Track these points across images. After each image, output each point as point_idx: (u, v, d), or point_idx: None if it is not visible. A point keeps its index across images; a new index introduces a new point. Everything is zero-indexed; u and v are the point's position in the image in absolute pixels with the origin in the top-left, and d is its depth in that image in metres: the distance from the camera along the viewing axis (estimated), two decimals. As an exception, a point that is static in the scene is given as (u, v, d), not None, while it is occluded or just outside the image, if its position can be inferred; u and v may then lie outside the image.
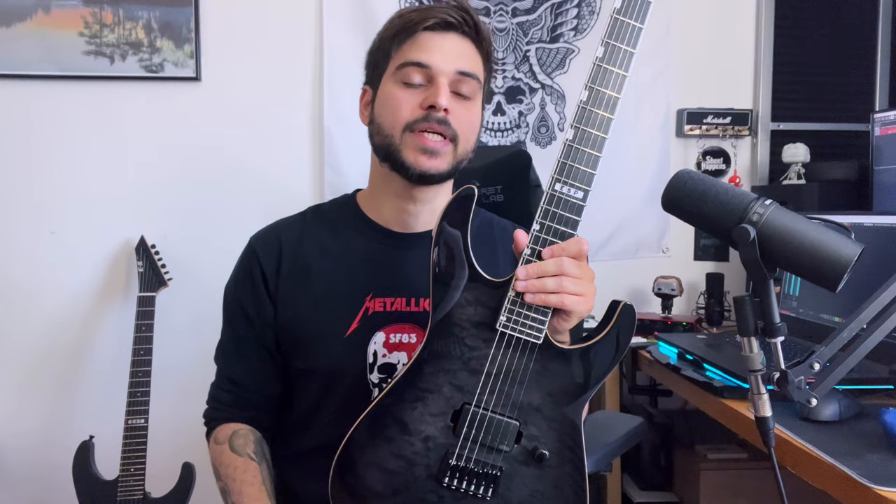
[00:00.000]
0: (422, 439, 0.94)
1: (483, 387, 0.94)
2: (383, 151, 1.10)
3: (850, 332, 0.84)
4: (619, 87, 0.94)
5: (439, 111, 1.05)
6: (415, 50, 1.07)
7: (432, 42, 1.07)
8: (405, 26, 1.08)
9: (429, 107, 1.05)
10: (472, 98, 1.10)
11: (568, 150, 0.94)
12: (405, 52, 1.08)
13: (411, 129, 1.06)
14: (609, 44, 0.94)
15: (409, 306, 1.11)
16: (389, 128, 1.08)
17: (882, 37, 2.51)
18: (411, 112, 1.06)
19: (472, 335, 0.95)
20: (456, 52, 1.08)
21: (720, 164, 2.48)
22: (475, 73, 1.09)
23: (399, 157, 1.07)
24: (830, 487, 1.07)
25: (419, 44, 1.07)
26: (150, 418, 1.99)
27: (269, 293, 1.14)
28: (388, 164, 1.10)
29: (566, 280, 0.92)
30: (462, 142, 1.09)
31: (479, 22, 1.10)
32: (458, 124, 1.07)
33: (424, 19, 1.07)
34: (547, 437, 0.96)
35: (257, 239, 1.19)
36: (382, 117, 1.10)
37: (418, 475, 0.94)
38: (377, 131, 1.11)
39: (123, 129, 2.24)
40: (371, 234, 1.16)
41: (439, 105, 1.04)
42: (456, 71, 1.07)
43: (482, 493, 0.95)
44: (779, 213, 0.81)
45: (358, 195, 1.22)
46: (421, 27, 1.07)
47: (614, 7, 0.95)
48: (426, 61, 1.06)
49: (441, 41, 1.07)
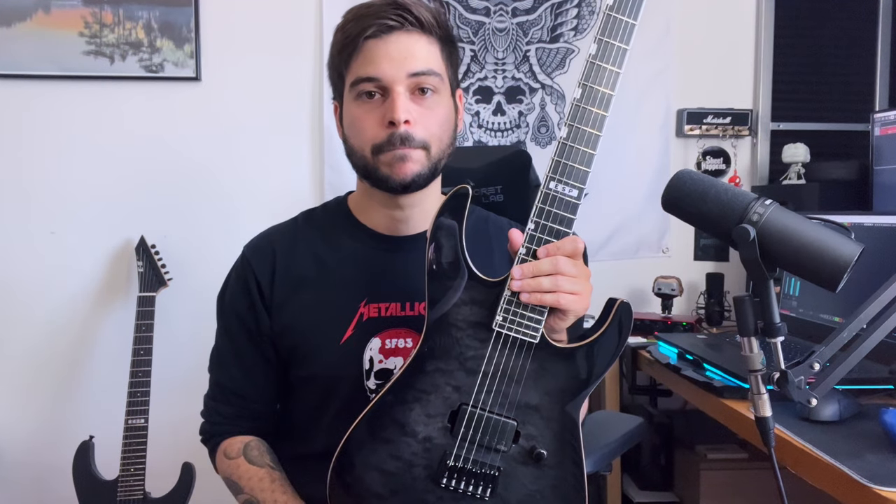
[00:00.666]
0: (419, 440, 0.94)
1: (480, 387, 0.94)
2: (361, 171, 1.09)
3: (850, 332, 0.84)
4: (613, 84, 0.93)
5: (399, 127, 1.02)
6: (362, 63, 1.04)
7: (377, 50, 1.03)
8: (346, 40, 1.05)
9: (389, 123, 1.02)
10: (437, 92, 1.06)
11: (562, 149, 0.93)
12: (354, 68, 1.05)
13: (380, 150, 1.04)
14: (602, 40, 0.93)
15: (403, 311, 1.10)
16: (360, 150, 1.07)
17: (882, 37, 2.51)
18: (375, 134, 1.04)
19: (468, 335, 0.95)
20: (405, 54, 1.03)
21: (720, 164, 2.48)
22: (430, 68, 1.05)
23: (377, 174, 1.06)
24: (830, 487, 1.07)
25: (365, 56, 1.04)
26: (150, 418, 1.99)
27: (265, 303, 1.12)
28: (368, 182, 1.09)
29: (562, 279, 0.92)
30: (434, 144, 1.06)
31: (421, 12, 1.04)
32: (425, 130, 1.04)
33: (363, 29, 1.03)
34: (545, 436, 0.95)
35: (250, 248, 1.17)
36: (352, 138, 1.08)
37: (416, 476, 0.94)
38: (351, 151, 1.09)
39: (123, 129, 2.24)
40: (363, 239, 1.14)
41: (398, 120, 1.01)
42: (408, 74, 1.03)
43: (480, 494, 0.94)
44: (779, 213, 0.81)
45: (349, 199, 1.20)
46: (362, 38, 1.03)
47: (607, 4, 0.94)
48: (374, 74, 1.03)
49: (386, 47, 1.03)
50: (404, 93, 1.03)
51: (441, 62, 1.07)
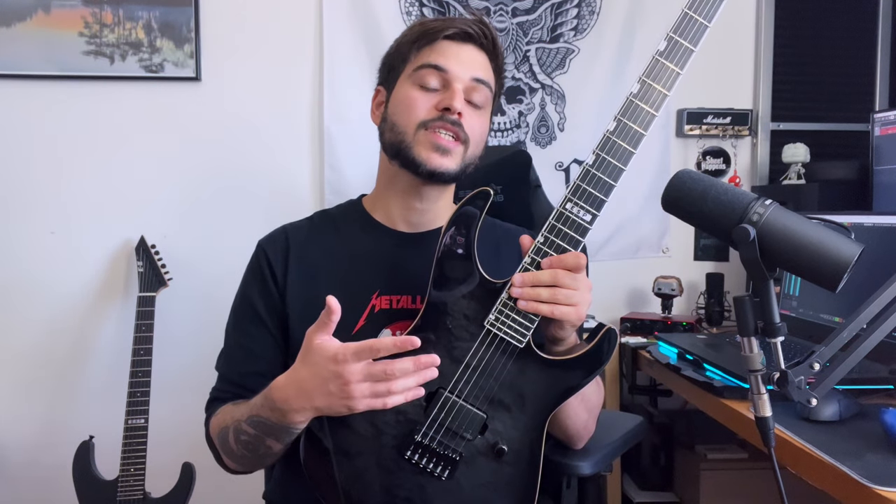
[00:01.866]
0: (394, 411, 0.97)
1: (460, 376, 1.00)
2: (394, 148, 1.13)
3: (850, 332, 0.84)
4: (647, 125, 0.98)
5: (454, 113, 1.10)
6: (433, 55, 1.12)
7: (451, 49, 1.13)
8: (426, 33, 1.14)
9: (444, 109, 1.10)
10: (484, 107, 1.15)
11: (585, 174, 0.99)
12: (424, 56, 1.13)
13: (425, 126, 1.10)
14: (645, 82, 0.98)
15: (414, 304, 1.13)
16: (404, 125, 1.12)
17: (882, 37, 2.51)
18: (427, 112, 1.11)
19: (460, 326, 1.01)
20: (472, 62, 1.13)
21: (720, 164, 2.48)
22: (489, 81, 1.15)
23: (410, 153, 1.11)
24: (830, 487, 1.07)
25: (438, 50, 1.13)
26: (150, 418, 1.99)
27: (279, 289, 1.16)
28: (397, 162, 1.14)
29: (559, 291, 0.97)
30: (472, 146, 1.13)
31: (497, 38, 1.16)
32: (470, 129, 1.12)
33: (445, 28, 1.13)
34: (510, 434, 1.01)
35: (266, 239, 1.21)
36: (397, 115, 1.14)
37: (384, 443, 0.99)
38: (390, 128, 1.15)
39: (123, 129, 2.24)
40: (377, 234, 1.19)
41: (454, 108, 1.09)
42: (471, 78, 1.12)
43: (439, 473, 1.00)
44: (779, 213, 0.81)
45: (364, 199, 1.25)
46: (441, 35, 1.13)
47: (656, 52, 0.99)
48: (444, 65, 1.11)
49: (459, 50, 1.13)
50: (462, 92, 1.11)
51: (494, 83, 1.18)
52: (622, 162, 0.98)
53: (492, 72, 1.16)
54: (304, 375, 0.94)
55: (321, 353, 0.92)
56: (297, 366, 0.96)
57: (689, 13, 0.97)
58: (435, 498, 1.00)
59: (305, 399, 0.94)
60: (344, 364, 0.90)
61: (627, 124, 0.98)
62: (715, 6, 0.97)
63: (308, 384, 0.94)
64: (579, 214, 0.99)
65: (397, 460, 1.00)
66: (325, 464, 0.99)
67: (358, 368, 0.90)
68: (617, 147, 0.98)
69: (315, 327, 0.94)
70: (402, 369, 0.90)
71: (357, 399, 0.91)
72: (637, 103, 0.98)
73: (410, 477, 1.00)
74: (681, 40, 0.97)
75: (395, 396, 0.91)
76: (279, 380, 0.98)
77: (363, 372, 0.91)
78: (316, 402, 0.94)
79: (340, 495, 1.00)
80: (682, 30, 0.98)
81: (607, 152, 0.98)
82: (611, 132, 0.98)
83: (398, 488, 1.00)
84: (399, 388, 0.91)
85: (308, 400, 0.94)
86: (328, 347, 0.92)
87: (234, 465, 1.13)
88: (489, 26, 1.15)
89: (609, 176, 0.99)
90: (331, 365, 0.91)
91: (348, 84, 2.25)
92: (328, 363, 0.91)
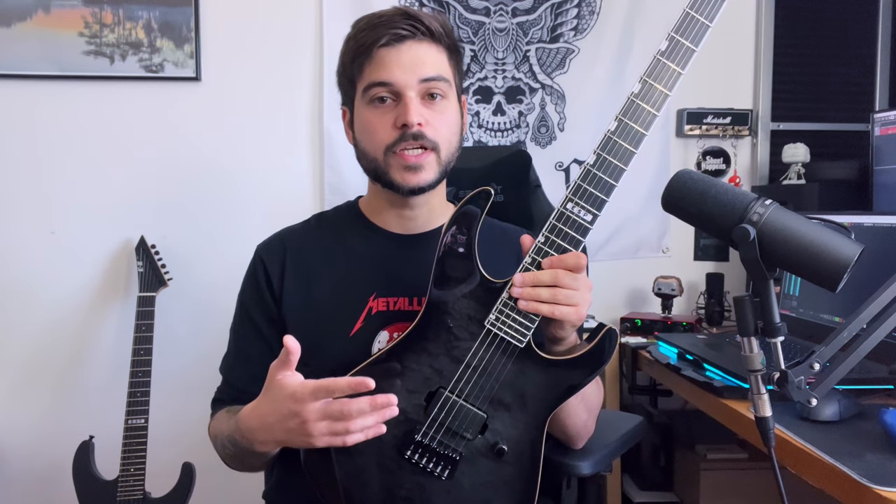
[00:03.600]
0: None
1: (461, 376, 1.00)
2: (372, 174, 1.15)
3: (850, 332, 0.84)
4: (648, 124, 0.98)
5: (412, 128, 1.07)
6: (375, 70, 1.09)
7: (389, 57, 1.09)
8: (360, 48, 1.10)
9: (402, 125, 1.08)
10: (445, 97, 1.12)
11: (586, 174, 0.99)
12: (367, 74, 1.10)
13: (391, 150, 1.09)
14: (647, 82, 0.98)
15: (411, 305, 1.13)
16: (372, 152, 1.12)
17: (882, 37, 2.51)
18: (387, 134, 1.09)
19: (460, 326, 1.01)
20: (415, 61, 1.09)
21: (720, 164, 2.48)
22: (440, 74, 1.10)
23: (387, 177, 1.11)
24: (830, 487, 1.07)
25: (377, 63, 1.09)
26: (150, 418, 1.99)
27: (274, 296, 1.17)
28: (379, 184, 1.15)
29: (560, 292, 0.97)
30: (444, 146, 1.11)
31: (431, 21, 1.10)
32: (435, 132, 1.10)
33: (377, 38, 1.08)
34: (510, 434, 1.01)
35: (262, 246, 1.22)
36: (363, 142, 1.14)
37: (383, 442, 0.98)
38: (362, 155, 1.15)
39: (123, 129, 2.24)
40: (373, 237, 1.19)
41: (410, 122, 1.07)
42: (420, 80, 1.09)
43: (439, 473, 1.00)
44: (779, 213, 0.81)
45: (360, 201, 1.25)
46: (375, 47, 1.09)
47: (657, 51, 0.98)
48: (387, 79, 1.08)
49: (398, 55, 1.09)
50: (416, 97, 1.09)
51: (449, 69, 1.13)
52: (623, 162, 0.98)
53: (442, 56, 1.12)
54: (266, 410, 0.97)
55: (281, 390, 0.93)
56: (260, 399, 0.98)
57: (690, 13, 0.97)
58: (435, 497, 1.00)
59: (267, 433, 0.97)
60: (302, 403, 0.91)
61: (629, 124, 0.98)
62: (716, 6, 0.97)
63: (269, 419, 0.96)
64: (580, 214, 0.99)
65: (397, 460, 1.00)
66: (326, 463, 0.99)
67: (315, 408, 0.91)
68: (618, 147, 0.98)
69: (277, 363, 0.95)
70: (358, 410, 0.90)
71: (316, 437, 0.92)
72: (638, 103, 0.98)
73: (410, 476, 1.00)
74: (682, 40, 0.97)
75: (354, 435, 0.92)
76: (245, 409, 1.02)
77: (321, 411, 0.91)
78: (277, 437, 0.97)
79: (341, 495, 1.00)
80: (683, 29, 0.97)
81: (608, 152, 0.98)
82: (612, 132, 0.98)
83: (398, 488, 1.00)
84: (357, 427, 0.91)
85: (270, 434, 0.97)
86: (287, 385, 0.93)
87: (232, 466, 1.16)
88: (418, 16, 1.10)
89: (610, 176, 0.98)
90: (290, 403, 0.92)
91: (348, 84, 2.25)
92: (287, 401, 0.93)
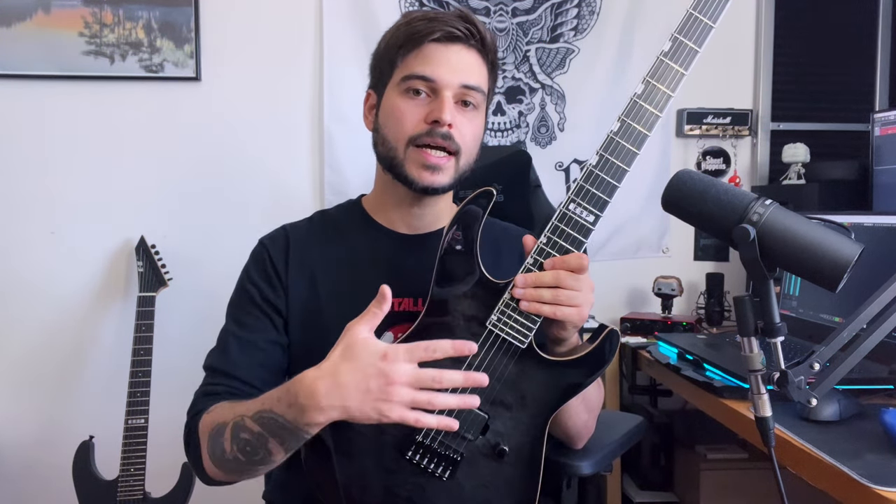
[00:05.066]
0: None
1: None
2: (387, 163, 1.12)
3: (850, 332, 0.84)
4: (651, 125, 0.98)
5: (443, 126, 1.06)
6: (420, 62, 1.08)
7: (438, 54, 1.08)
8: (411, 37, 1.08)
9: (433, 121, 1.06)
10: (477, 108, 1.11)
11: (588, 175, 0.98)
12: (410, 64, 1.08)
13: (415, 143, 1.08)
14: (649, 83, 0.98)
15: (416, 306, 1.12)
16: (394, 140, 1.09)
17: (882, 37, 2.51)
18: (415, 126, 1.07)
19: (462, 326, 1.01)
20: (461, 65, 1.08)
21: (720, 164, 2.48)
22: (480, 85, 1.10)
23: (402, 170, 1.09)
24: (830, 487, 1.07)
25: (425, 55, 1.08)
26: (150, 418, 1.99)
27: (283, 284, 1.14)
28: (391, 174, 1.12)
29: (562, 292, 0.97)
30: (465, 155, 1.10)
31: (485, 32, 1.11)
32: (462, 138, 1.08)
33: (431, 31, 1.07)
34: (511, 435, 1.01)
35: (267, 238, 1.20)
36: (387, 128, 1.11)
37: (385, 443, 0.99)
38: (381, 142, 1.12)
39: (123, 129, 2.24)
40: (377, 236, 1.17)
41: (443, 120, 1.06)
42: (461, 84, 1.08)
43: (440, 473, 1.00)
44: (779, 212, 0.81)
45: (363, 199, 1.23)
46: (427, 39, 1.07)
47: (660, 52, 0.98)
48: (431, 75, 1.07)
49: (446, 53, 1.08)
50: (451, 99, 1.07)
51: (487, 83, 1.13)
52: (626, 163, 0.98)
53: (484, 70, 1.12)
54: (344, 369, 0.88)
55: (369, 347, 0.88)
56: (334, 359, 0.90)
57: (694, 14, 0.97)
58: (436, 498, 1.00)
59: (337, 395, 0.88)
60: (393, 362, 0.86)
61: (631, 125, 0.98)
62: (720, 7, 0.97)
63: (346, 378, 0.87)
64: (582, 215, 0.98)
65: (398, 460, 0.99)
66: (326, 464, 0.99)
67: (407, 370, 0.87)
68: (621, 148, 0.98)
69: (361, 319, 0.90)
70: (451, 380, 0.87)
71: (394, 404, 0.86)
72: (641, 104, 0.97)
73: (411, 477, 1.00)
74: (686, 41, 0.97)
75: (429, 417, 0.88)
76: (308, 372, 0.91)
77: (411, 374, 0.87)
78: (348, 401, 0.87)
79: (341, 495, 0.99)
80: (686, 30, 0.97)
81: (611, 153, 0.98)
82: (615, 133, 0.98)
83: (399, 488, 1.00)
84: (439, 402, 0.87)
85: (340, 397, 0.88)
86: (376, 343, 0.88)
87: (217, 471, 1.02)
88: (476, 23, 1.09)
89: (612, 177, 0.98)
90: (378, 361, 0.87)
91: (348, 84, 2.25)
92: (375, 359, 0.87)
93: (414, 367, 0.87)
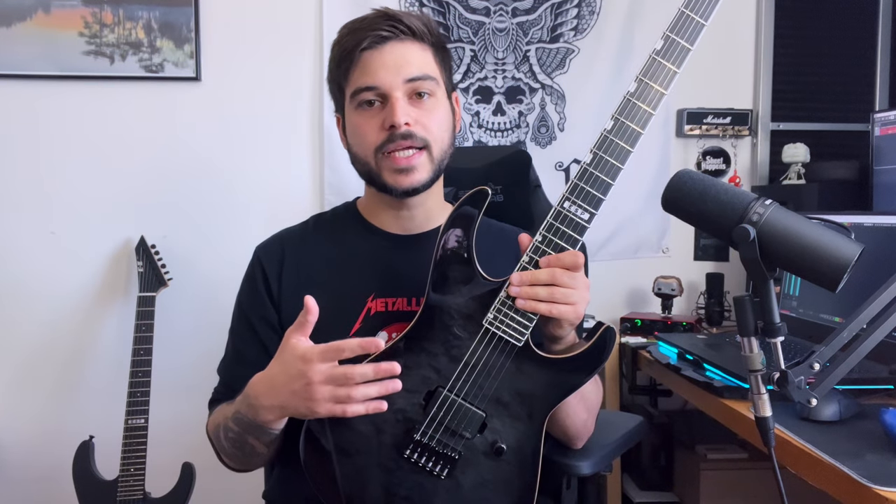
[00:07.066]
0: (393, 410, 0.98)
1: (459, 374, 1.00)
2: (366, 176, 1.16)
3: (850, 332, 0.84)
4: (644, 123, 0.99)
5: (400, 128, 1.08)
6: (360, 74, 1.10)
7: (373, 60, 1.09)
8: (344, 53, 1.12)
9: (389, 126, 1.08)
10: (433, 95, 1.12)
11: (583, 173, 0.99)
12: (354, 79, 1.11)
13: (381, 151, 1.10)
14: (643, 81, 0.98)
15: (410, 306, 1.14)
16: (363, 155, 1.13)
17: (882, 37, 2.51)
18: (376, 136, 1.10)
19: (459, 325, 1.01)
20: (399, 61, 1.09)
21: (720, 164, 2.48)
22: (425, 73, 1.11)
23: (380, 180, 1.12)
24: (830, 487, 1.07)
25: (362, 67, 1.10)
26: (150, 418, 1.99)
27: (272, 298, 1.17)
28: (374, 187, 1.16)
29: (557, 290, 0.97)
30: (436, 144, 1.12)
31: (411, 20, 1.11)
32: (425, 130, 1.10)
33: (359, 42, 1.09)
34: (509, 433, 1.01)
35: (261, 248, 1.23)
36: (355, 146, 1.14)
37: (383, 441, 1.00)
38: (355, 159, 1.16)
39: (123, 129, 2.24)
40: (371, 237, 1.19)
41: (398, 123, 1.08)
42: (405, 80, 1.09)
43: (438, 472, 1.00)
44: (779, 212, 0.81)
45: (358, 202, 1.25)
46: (358, 50, 1.10)
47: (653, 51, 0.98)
48: (373, 83, 1.09)
49: (381, 57, 1.09)
50: (402, 98, 1.09)
51: (435, 66, 1.13)
52: (620, 161, 0.99)
53: (428, 54, 1.12)
54: (275, 372, 0.98)
55: (292, 351, 0.95)
56: (272, 363, 0.99)
57: (685, 12, 0.98)
58: (434, 496, 1.00)
59: (273, 396, 0.97)
60: (310, 363, 0.93)
61: (625, 123, 0.98)
62: (712, 5, 0.97)
63: (277, 380, 0.97)
64: (577, 213, 0.99)
65: (397, 459, 1.00)
66: (326, 463, 1.00)
67: (322, 369, 0.93)
68: (615, 146, 0.99)
69: (294, 327, 0.97)
70: (361, 374, 0.93)
71: (318, 401, 0.93)
72: (634, 102, 0.98)
73: (410, 476, 1.00)
74: (678, 39, 0.98)
75: (356, 405, 0.93)
76: (256, 376, 1.02)
77: (326, 373, 0.93)
78: (281, 400, 0.97)
79: (340, 494, 1.00)
80: (679, 28, 0.98)
81: (605, 151, 0.99)
82: (608, 131, 0.99)
83: (398, 487, 1.00)
84: (359, 395, 0.93)
85: (275, 397, 0.97)
86: (298, 346, 0.95)
87: (230, 463, 1.15)
88: (398, 16, 1.10)
89: (607, 175, 0.99)
90: (298, 363, 0.94)
91: (348, 84, 2.25)
92: (296, 361, 0.94)
93: (330, 366, 0.93)
